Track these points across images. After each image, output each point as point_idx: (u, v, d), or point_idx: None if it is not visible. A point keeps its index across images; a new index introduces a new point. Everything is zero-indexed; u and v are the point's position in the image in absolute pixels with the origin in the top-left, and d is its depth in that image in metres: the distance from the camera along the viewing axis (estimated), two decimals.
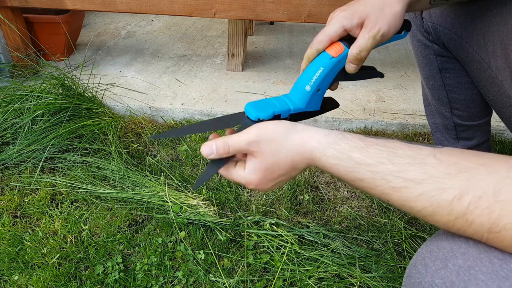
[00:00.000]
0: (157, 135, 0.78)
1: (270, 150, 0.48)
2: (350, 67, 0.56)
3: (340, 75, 0.58)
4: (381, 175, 0.41)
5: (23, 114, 1.22)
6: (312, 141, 0.46)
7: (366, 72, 0.61)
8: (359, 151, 0.43)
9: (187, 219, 1.00)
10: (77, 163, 1.17)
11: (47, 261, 0.92)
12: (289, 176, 0.50)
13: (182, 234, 0.97)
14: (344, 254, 0.92)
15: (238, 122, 0.56)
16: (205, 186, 1.11)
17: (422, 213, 0.39)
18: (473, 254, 0.37)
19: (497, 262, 0.35)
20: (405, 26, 0.57)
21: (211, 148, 0.49)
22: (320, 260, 0.91)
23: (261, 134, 0.48)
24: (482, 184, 0.35)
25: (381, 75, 0.63)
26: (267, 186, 0.51)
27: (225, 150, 0.49)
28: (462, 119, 0.93)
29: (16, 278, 0.89)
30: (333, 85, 0.60)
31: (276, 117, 0.54)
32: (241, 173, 0.51)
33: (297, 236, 0.97)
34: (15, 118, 1.22)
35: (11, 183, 1.13)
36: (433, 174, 0.38)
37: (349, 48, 0.54)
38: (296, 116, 0.58)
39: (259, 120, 0.53)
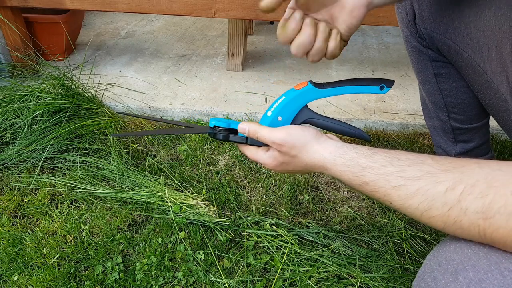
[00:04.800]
0: (121, 134, 0.82)
1: (289, 153, 0.56)
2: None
3: (313, 116, 0.62)
4: (383, 176, 0.45)
5: (22, 114, 1.22)
6: (325, 152, 0.53)
7: (349, 127, 0.62)
8: (365, 158, 0.48)
9: (187, 219, 0.99)
10: (77, 163, 1.17)
11: (46, 261, 0.92)
12: (303, 172, 0.61)
13: (182, 234, 0.97)
14: (344, 255, 0.92)
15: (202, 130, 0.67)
16: (205, 186, 1.11)
17: (420, 209, 0.41)
18: (483, 266, 0.36)
19: (508, 275, 0.35)
20: (387, 82, 0.59)
21: (245, 129, 0.61)
22: (320, 260, 0.90)
23: (286, 138, 0.56)
24: (474, 175, 0.38)
25: (368, 139, 0.63)
26: (281, 171, 0.61)
27: (254, 136, 0.60)
28: (460, 122, 0.92)
29: (15, 278, 0.89)
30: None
31: (231, 130, 0.63)
32: (261, 155, 0.61)
33: (297, 236, 0.97)
34: (14, 118, 1.22)
35: (10, 183, 1.12)
36: (429, 171, 0.41)
37: (313, 86, 0.59)
38: None
39: (215, 127, 0.63)
